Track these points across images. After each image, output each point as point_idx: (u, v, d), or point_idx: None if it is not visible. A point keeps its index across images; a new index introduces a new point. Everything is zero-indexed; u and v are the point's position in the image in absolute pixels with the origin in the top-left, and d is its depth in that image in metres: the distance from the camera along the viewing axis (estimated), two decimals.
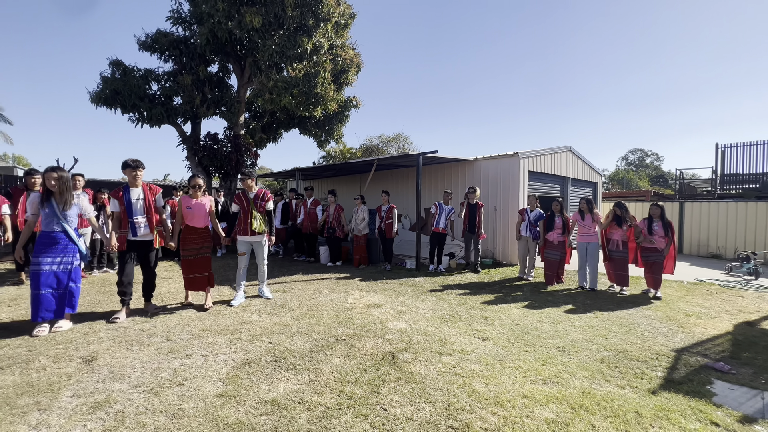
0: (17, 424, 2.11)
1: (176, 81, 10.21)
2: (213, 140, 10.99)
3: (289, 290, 5.40)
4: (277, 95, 9.09)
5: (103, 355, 3.03)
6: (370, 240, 7.74)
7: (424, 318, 4.25)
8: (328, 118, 11.26)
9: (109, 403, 2.35)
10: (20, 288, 5.26)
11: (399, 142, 24.14)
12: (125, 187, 3.92)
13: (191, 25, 10.53)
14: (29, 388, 2.51)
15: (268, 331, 3.69)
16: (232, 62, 10.96)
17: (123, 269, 3.94)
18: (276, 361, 3.01)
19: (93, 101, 9.63)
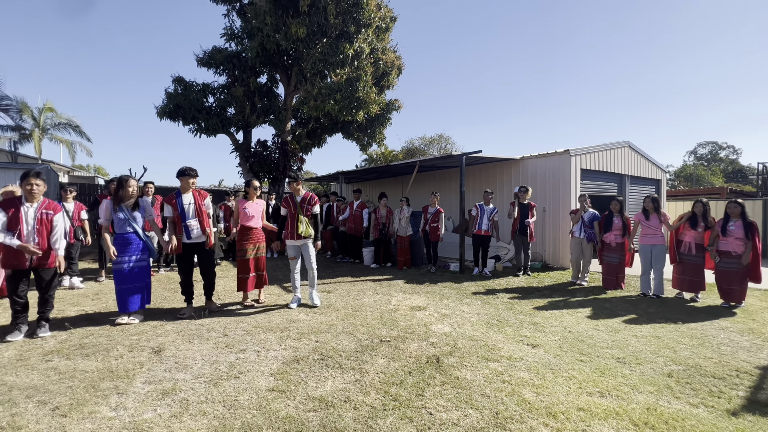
0: (100, 405, 2.37)
1: (230, 93, 10.94)
2: (263, 147, 11.61)
3: (334, 291, 5.54)
4: (321, 101, 9.39)
5: (170, 347, 3.32)
6: (413, 242, 7.72)
7: (469, 322, 4.15)
8: (370, 121, 11.41)
9: (175, 391, 2.56)
10: (102, 284, 5.91)
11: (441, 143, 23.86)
12: (177, 193, 4.24)
13: (242, 40, 11.23)
14: (110, 373, 2.81)
15: (315, 330, 3.82)
16: (279, 72, 11.52)
17: (182, 270, 4.27)
18: (323, 360, 3.10)
19: (159, 115, 10.59)
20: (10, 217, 3.36)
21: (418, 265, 7.86)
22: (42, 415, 2.25)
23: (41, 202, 3.54)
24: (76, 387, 2.59)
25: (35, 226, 3.46)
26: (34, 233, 3.45)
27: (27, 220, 3.42)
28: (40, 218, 3.48)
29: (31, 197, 3.48)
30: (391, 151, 23.18)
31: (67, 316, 4.21)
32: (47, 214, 3.53)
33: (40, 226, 3.48)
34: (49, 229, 3.54)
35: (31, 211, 3.46)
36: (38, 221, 3.47)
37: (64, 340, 3.47)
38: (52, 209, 3.59)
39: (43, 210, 3.52)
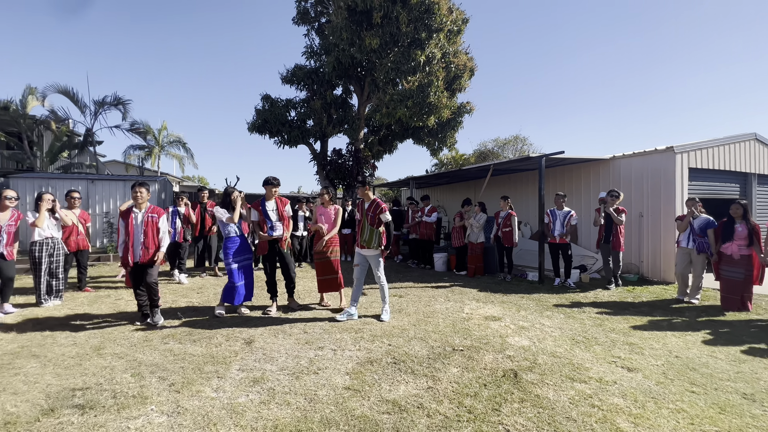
0: (204, 386, 2.71)
1: (309, 106, 11.79)
2: (337, 155, 12.26)
3: (405, 296, 5.57)
4: (393, 108, 9.60)
5: (258, 339, 3.66)
6: (486, 249, 7.42)
7: (550, 336, 3.84)
8: (441, 126, 11.33)
9: (264, 380, 2.81)
10: (204, 279, 6.77)
11: (516, 145, 22.62)
12: (262, 199, 4.68)
13: (320, 57, 12.05)
14: (211, 358, 3.20)
15: (388, 333, 3.88)
16: (353, 84, 12.08)
17: (267, 271, 4.70)
18: (395, 363, 3.13)
19: (249, 129, 11.85)
20: (126, 223, 4.00)
21: (491, 273, 7.52)
22: (162, 389, 2.65)
23: (147, 207, 4.14)
24: (186, 368, 3.00)
25: (143, 228, 4.02)
26: (141, 234, 4.00)
27: (136, 223, 4.03)
28: (146, 221, 4.05)
29: (137, 203, 4.08)
30: (462, 155, 22.67)
31: (178, 306, 4.91)
32: (152, 217, 4.10)
33: (147, 228, 4.03)
34: (155, 231, 4.10)
35: (139, 215, 4.06)
36: (145, 223, 4.04)
37: (177, 327, 4.05)
38: (157, 213, 4.16)
39: (149, 214, 4.09)
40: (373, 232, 4.25)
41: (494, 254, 7.48)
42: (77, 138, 13.96)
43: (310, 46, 12.18)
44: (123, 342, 3.56)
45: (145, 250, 4.00)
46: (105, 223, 9.68)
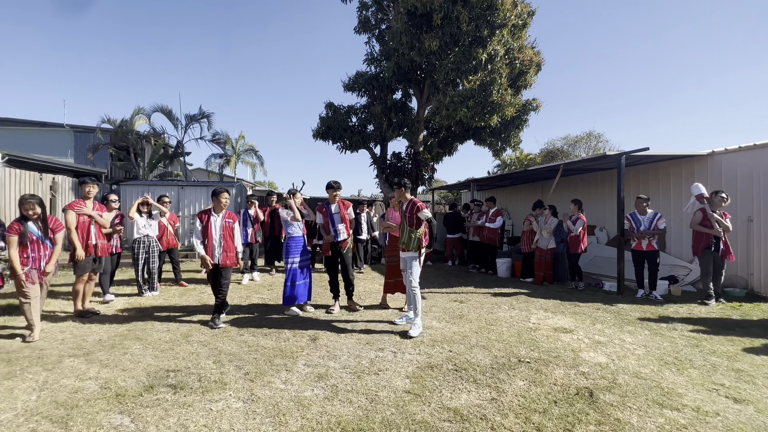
0: (274, 377, 2.90)
1: (369, 111, 12.07)
2: (397, 159, 12.37)
3: (466, 301, 5.41)
4: (453, 110, 9.42)
5: (322, 337, 3.82)
6: (557, 255, 6.92)
7: (633, 355, 3.44)
8: (504, 125, 10.84)
9: (327, 377, 2.92)
10: (273, 277, 7.28)
11: (590, 142, 20.79)
12: (327, 203, 4.86)
13: (381, 63, 12.29)
14: (280, 352, 3.41)
15: (448, 339, 3.80)
16: (413, 87, 12.11)
17: (329, 271, 4.88)
18: (457, 371, 3.05)
19: (314, 136, 12.47)
20: (204, 225, 4.17)
21: (561, 281, 6.99)
22: (238, 377, 2.89)
23: (225, 213, 4.27)
24: (259, 359, 3.24)
25: (221, 231, 4.20)
26: (220, 238, 4.18)
27: (215, 227, 4.18)
28: (224, 226, 4.22)
29: (219, 209, 4.22)
30: (527, 155, 21.48)
31: (252, 303, 5.33)
32: (228, 222, 4.26)
33: (224, 232, 4.21)
34: (231, 235, 4.27)
35: (218, 220, 4.22)
36: (223, 228, 4.21)
37: (250, 320, 4.40)
38: (232, 218, 4.34)
39: (227, 219, 4.25)
40: (412, 233, 4.02)
41: (565, 261, 6.94)
42: (170, 149, 15.96)
43: (370, 53, 12.48)
44: (206, 332, 3.96)
45: (225, 254, 4.17)
46: (192, 224, 10.90)
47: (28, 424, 2.24)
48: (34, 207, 3.66)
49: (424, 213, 3.95)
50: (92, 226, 4.59)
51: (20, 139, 15.79)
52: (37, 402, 2.49)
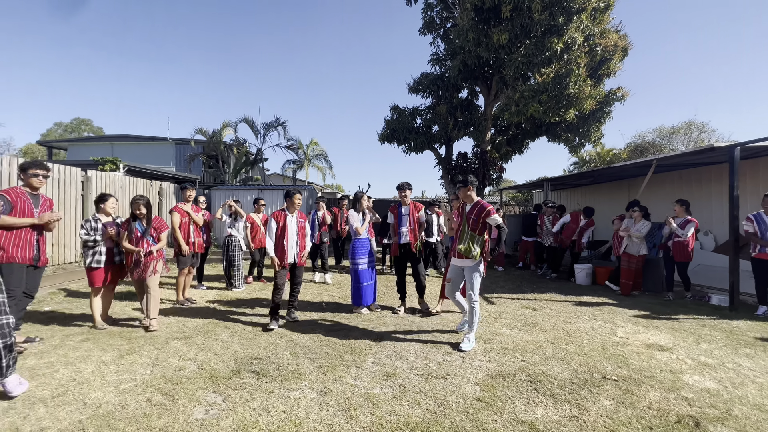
0: (345, 372, 3.02)
1: (434, 112, 11.98)
2: (463, 159, 12.07)
3: (540, 309, 5.06)
4: (524, 105, 8.90)
5: (389, 337, 3.88)
6: (648, 262, 6.14)
7: (752, 382, 2.91)
8: (582, 118, 9.94)
9: (395, 376, 2.96)
10: (342, 276, 7.58)
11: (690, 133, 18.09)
12: (399, 204, 4.88)
13: (446, 62, 12.13)
14: (349, 349, 3.54)
15: (521, 348, 3.59)
16: (479, 84, 11.73)
17: (397, 272, 4.90)
18: (531, 382, 2.87)
19: (380, 140, 12.74)
20: (281, 225, 4.30)
21: (653, 291, 6.17)
22: (312, 369, 3.07)
23: (298, 213, 4.47)
24: (330, 353, 3.40)
25: (297, 231, 4.38)
26: (296, 237, 4.35)
27: (291, 228, 4.33)
28: (299, 225, 4.38)
29: (292, 209, 4.37)
30: (609, 150, 19.41)
31: (323, 300, 5.61)
32: (301, 222, 4.43)
33: (299, 231, 4.37)
34: (303, 234, 4.43)
35: (293, 220, 4.39)
36: (298, 227, 4.38)
37: (321, 317, 4.64)
38: (304, 218, 4.53)
39: (299, 219, 4.42)
40: (475, 239, 3.61)
41: (659, 269, 6.12)
42: (251, 156, 17.58)
43: (435, 53, 12.39)
44: (283, 325, 4.27)
45: (299, 253, 4.36)
46: None
47: (145, 394, 2.63)
48: (140, 207, 4.07)
49: (494, 218, 3.58)
50: (191, 226, 5.25)
51: (134, 152, 18.69)
52: (151, 376, 2.91)
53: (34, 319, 4.24)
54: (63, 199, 6.81)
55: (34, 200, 3.47)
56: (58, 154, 21.89)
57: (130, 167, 11.09)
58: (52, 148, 21.52)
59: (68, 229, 7.03)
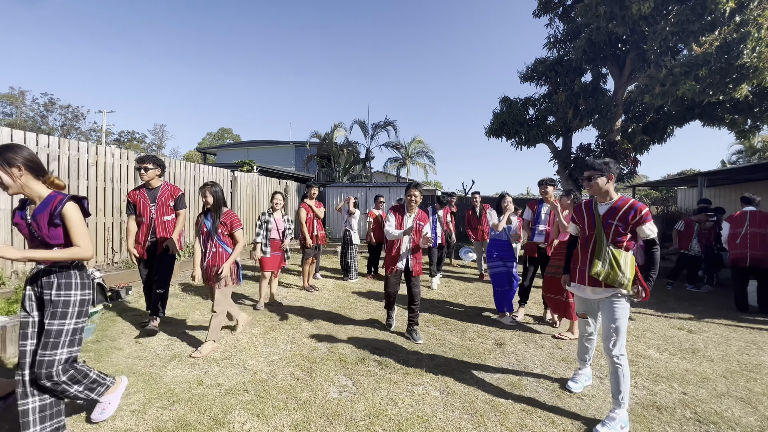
0: (465, 375, 2.94)
1: (551, 101, 10.88)
2: (585, 151, 10.73)
3: (699, 332, 4.15)
4: (672, 84, 7.39)
5: (508, 343, 3.65)
6: None
7: None
8: (761, 95, 7.81)
9: (521, 388, 2.76)
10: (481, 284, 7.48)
11: None
12: (540, 201, 4.45)
13: (565, 44, 10.88)
14: (467, 350, 3.45)
15: (678, 377, 2.99)
16: (608, 66, 10.23)
17: (524, 274, 4.53)
18: (700, 422, 2.36)
19: (487, 134, 12.17)
20: (399, 222, 3.98)
21: None
22: (432, 366, 3.07)
23: (417, 212, 3.98)
24: (447, 353, 3.37)
25: (413, 228, 4.00)
26: (411, 235, 3.94)
27: (406, 225, 3.98)
28: (416, 228, 3.87)
29: (410, 207, 3.91)
30: None
31: (432, 297, 5.62)
32: (420, 225, 3.86)
33: (415, 236, 3.92)
34: (419, 235, 3.93)
35: (410, 221, 3.99)
36: (414, 231, 3.89)
37: (433, 317, 4.63)
38: (423, 221, 3.96)
39: (418, 221, 3.85)
40: (618, 256, 2.34)
41: None
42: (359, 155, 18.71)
43: (553, 35, 11.22)
44: (397, 318, 4.39)
45: (414, 260, 3.83)
46: None
47: (288, 368, 2.99)
48: (206, 194, 3.27)
49: (650, 228, 2.35)
50: (315, 220, 5.82)
51: (263, 155, 21.70)
52: (291, 352, 3.31)
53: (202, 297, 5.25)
54: None
55: (151, 195, 3.70)
56: (210, 159, 26.83)
57: (261, 168, 12.90)
58: (206, 154, 26.49)
59: None
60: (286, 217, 4.90)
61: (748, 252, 5.11)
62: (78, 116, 33.23)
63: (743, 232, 5.20)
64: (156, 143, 40.37)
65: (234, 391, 2.62)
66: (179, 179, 7.22)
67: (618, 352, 2.33)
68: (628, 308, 2.39)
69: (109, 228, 5.75)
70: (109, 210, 5.77)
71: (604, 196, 2.53)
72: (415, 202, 3.86)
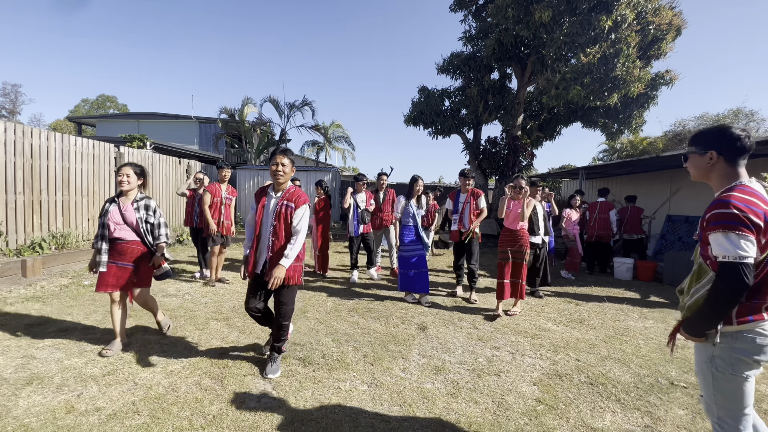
0: (392, 364, 2.91)
1: (464, 94, 11.52)
2: (492, 144, 11.65)
3: (583, 304, 4.82)
4: (564, 88, 8.41)
5: (431, 327, 3.74)
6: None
7: None
8: (625, 104, 9.36)
9: (445, 371, 2.83)
10: None
11: (736, 122, 16.96)
12: (458, 191, 4.86)
13: (478, 41, 11.57)
14: (392, 338, 3.43)
15: (572, 346, 3.40)
16: (513, 66, 11.17)
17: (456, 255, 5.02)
18: (592, 384, 2.69)
19: (405, 122, 12.39)
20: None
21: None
22: (358, 359, 2.97)
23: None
24: (373, 342, 3.30)
25: None
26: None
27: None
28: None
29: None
30: (644, 138, 18.47)
31: (356, 290, 5.51)
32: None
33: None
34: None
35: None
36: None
37: (357, 303, 4.53)
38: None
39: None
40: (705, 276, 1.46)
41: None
42: (274, 137, 17.50)
43: (467, 31, 11.82)
44: (320, 309, 4.18)
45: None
46: None
47: (193, 377, 2.58)
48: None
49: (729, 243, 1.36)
50: (222, 207, 5.17)
51: (160, 130, 18.83)
52: (197, 358, 2.86)
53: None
54: (98, 173, 6.86)
55: None
56: (86, 131, 22.34)
57: (156, 145, 11.13)
58: (81, 124, 21.95)
59: (98, 204, 7.12)
60: (146, 204, 3.00)
61: (596, 231, 6.76)
62: None
63: (595, 216, 6.77)
64: (7, 107, 32.08)
65: (120, 415, 2.14)
66: (40, 153, 5.73)
67: None
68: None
69: None
70: None
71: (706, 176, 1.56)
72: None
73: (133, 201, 2.96)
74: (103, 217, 2.90)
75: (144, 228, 2.96)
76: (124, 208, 2.92)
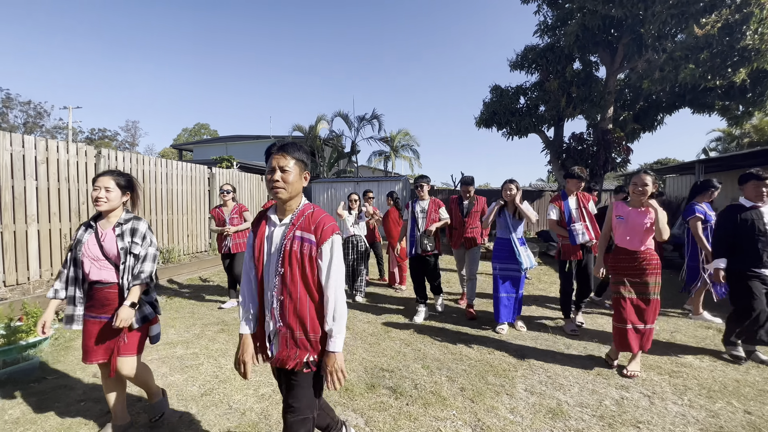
0: (496, 401, 2.50)
1: (542, 89, 10.57)
2: (577, 141, 10.48)
3: None
4: (673, 69, 7.16)
5: (530, 354, 3.23)
6: None
7: None
8: (756, 80, 7.67)
9: (563, 416, 2.34)
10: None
11: None
12: (563, 194, 3.92)
13: (555, 31, 10.57)
14: (490, 367, 3.01)
15: (732, 391, 2.64)
16: (600, 52, 9.97)
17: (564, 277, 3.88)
18: None
19: (477, 124, 11.78)
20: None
21: None
22: (455, 392, 2.62)
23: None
24: (469, 372, 2.91)
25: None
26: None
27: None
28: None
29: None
30: None
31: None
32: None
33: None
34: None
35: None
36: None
37: (442, 322, 4.18)
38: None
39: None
40: None
41: None
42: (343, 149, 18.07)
43: (543, 21, 10.88)
44: (404, 328, 3.90)
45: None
46: None
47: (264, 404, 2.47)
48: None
49: None
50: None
51: (243, 150, 20.72)
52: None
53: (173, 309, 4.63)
54: (195, 193, 7.58)
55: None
56: (186, 156, 25.54)
57: (241, 164, 12.13)
58: (181, 150, 25.18)
59: (199, 221, 7.83)
60: (132, 227, 2.10)
61: None
62: (41, 113, 31.14)
63: None
64: (129, 141, 38.41)
65: None
66: (149, 177, 6.48)
67: None
68: None
69: (65, 235, 5.02)
70: (65, 214, 5.03)
71: None
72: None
73: (115, 225, 2.06)
74: (75, 249, 2.02)
75: (126, 264, 2.02)
76: (102, 237, 2.02)
